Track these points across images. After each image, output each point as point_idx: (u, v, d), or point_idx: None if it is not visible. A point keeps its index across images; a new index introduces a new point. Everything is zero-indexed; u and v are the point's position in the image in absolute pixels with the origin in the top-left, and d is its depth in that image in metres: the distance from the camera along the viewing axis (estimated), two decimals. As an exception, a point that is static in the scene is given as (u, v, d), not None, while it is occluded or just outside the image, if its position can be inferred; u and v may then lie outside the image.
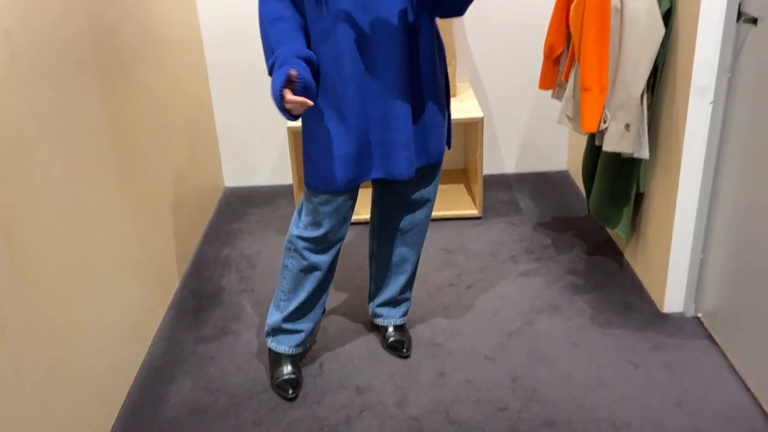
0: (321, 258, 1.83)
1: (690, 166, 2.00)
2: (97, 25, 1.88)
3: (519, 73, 3.09)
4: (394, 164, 1.70)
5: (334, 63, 1.61)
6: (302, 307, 1.89)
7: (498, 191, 3.11)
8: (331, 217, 1.75)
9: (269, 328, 1.95)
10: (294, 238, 1.82)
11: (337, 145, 1.66)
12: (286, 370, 1.94)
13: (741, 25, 1.79)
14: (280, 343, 1.95)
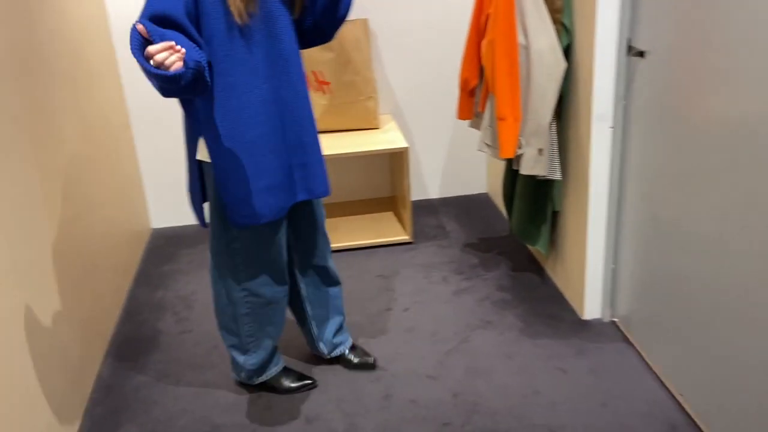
0: (280, 289, 1.90)
1: (597, 185, 2.20)
2: (28, 79, 1.88)
3: (437, 104, 3.27)
4: (316, 183, 1.79)
5: (252, 88, 1.63)
6: (274, 337, 1.98)
7: (425, 216, 3.25)
8: (274, 246, 1.80)
9: (250, 373, 2.01)
10: (242, 283, 1.84)
11: (273, 171, 1.70)
12: (289, 378, 2.06)
13: (631, 58, 2.01)
14: (269, 371, 2.04)
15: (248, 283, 1.85)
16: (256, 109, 1.65)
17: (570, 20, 2.17)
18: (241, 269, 1.83)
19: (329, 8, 1.70)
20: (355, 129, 3.11)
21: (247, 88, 1.63)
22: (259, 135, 1.67)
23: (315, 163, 1.78)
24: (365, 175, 3.40)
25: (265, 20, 1.63)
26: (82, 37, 2.46)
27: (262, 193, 1.70)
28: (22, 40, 1.90)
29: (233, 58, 1.60)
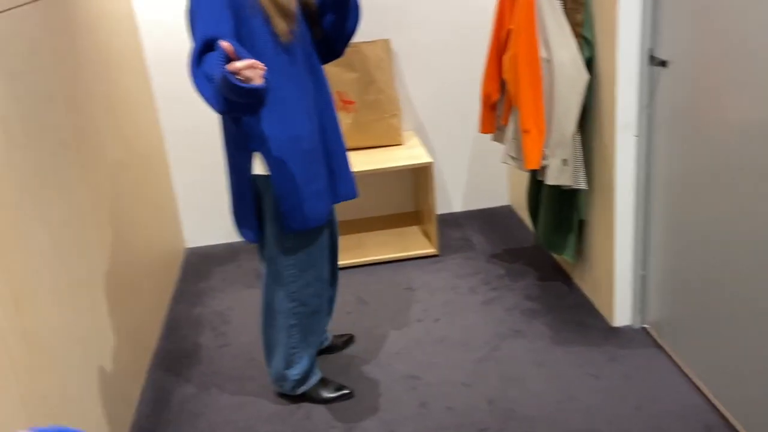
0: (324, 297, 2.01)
1: (623, 193, 2.25)
2: (73, 107, 1.98)
3: (459, 119, 3.34)
4: (349, 187, 1.95)
5: (300, 98, 1.77)
6: (315, 347, 2.07)
7: (450, 229, 3.31)
8: (322, 249, 1.92)
9: (293, 383, 2.08)
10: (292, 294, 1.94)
11: (320, 177, 1.83)
12: (327, 388, 2.13)
13: (653, 68, 2.07)
14: (310, 381, 2.11)
15: (299, 293, 1.94)
16: (305, 119, 1.78)
17: (591, 33, 2.24)
18: (294, 279, 1.92)
19: (337, 25, 1.85)
20: (380, 146, 3.19)
21: (296, 100, 1.76)
22: (309, 143, 1.80)
23: (346, 167, 1.94)
24: (390, 191, 3.47)
25: (301, 38, 1.77)
26: (120, 68, 2.57)
27: (313, 198, 1.82)
28: (69, 72, 2.00)
29: (282, 74, 1.72)
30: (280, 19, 1.69)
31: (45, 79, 1.80)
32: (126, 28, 2.77)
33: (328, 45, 1.90)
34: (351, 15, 1.84)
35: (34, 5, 1.79)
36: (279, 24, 1.68)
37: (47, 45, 1.85)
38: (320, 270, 1.95)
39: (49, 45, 1.86)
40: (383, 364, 2.32)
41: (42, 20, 1.84)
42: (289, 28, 1.70)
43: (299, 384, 2.10)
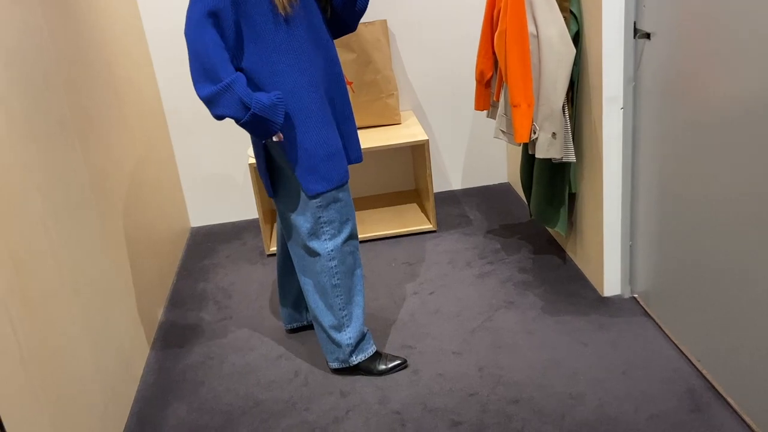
0: (358, 255, 2.10)
1: (611, 165, 2.29)
2: (73, 88, 2.06)
3: (455, 98, 3.38)
4: (357, 150, 2.06)
5: (301, 71, 1.85)
6: (362, 306, 2.13)
7: (448, 206, 3.37)
8: (350, 207, 2.01)
9: (349, 349, 2.12)
10: (330, 253, 2.02)
11: (331, 140, 1.92)
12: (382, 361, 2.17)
13: (638, 41, 2.11)
14: (365, 350, 2.16)
15: (336, 252, 2.02)
16: (308, 90, 1.87)
17: (578, 8, 2.27)
18: (330, 237, 2.01)
19: (347, 3, 1.91)
20: (378, 125, 3.24)
21: (298, 73, 1.84)
22: (318, 110, 1.89)
23: (355, 132, 2.05)
24: (389, 169, 3.53)
25: (304, 11, 1.84)
26: (121, 47, 2.64)
27: (326, 160, 1.91)
28: (68, 52, 2.08)
29: (282, 47, 1.82)
30: None
31: (43, 61, 1.88)
32: (127, 9, 2.84)
33: (340, 20, 1.97)
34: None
35: (33, -10, 1.87)
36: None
37: (45, 28, 1.93)
38: (352, 227, 2.04)
39: (46, 28, 1.94)
40: (379, 334, 2.40)
41: (41, 3, 1.92)
42: (290, 2, 1.78)
43: (354, 352, 2.13)
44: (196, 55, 1.75)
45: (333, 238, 2.01)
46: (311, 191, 1.93)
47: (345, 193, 2.00)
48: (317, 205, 1.96)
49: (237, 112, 1.76)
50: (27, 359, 1.52)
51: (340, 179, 1.96)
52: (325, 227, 1.99)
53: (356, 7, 1.94)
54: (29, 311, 1.57)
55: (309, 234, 2.00)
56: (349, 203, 2.02)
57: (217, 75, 1.75)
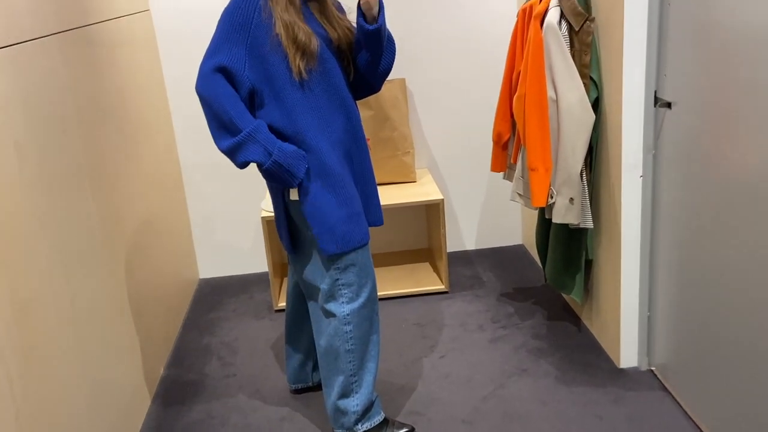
0: (376, 319, 2.02)
1: (629, 233, 2.25)
2: (89, 135, 2.07)
3: (471, 158, 3.38)
4: (377, 213, 2.03)
5: (321, 130, 1.85)
6: (374, 373, 2.04)
7: (461, 267, 3.32)
8: (369, 269, 1.95)
9: (356, 417, 2.01)
10: (346, 317, 1.94)
11: (351, 201, 1.89)
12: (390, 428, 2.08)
13: (658, 110, 2.09)
14: (373, 418, 2.06)
15: (353, 316, 1.95)
16: (332, 148, 1.86)
17: (598, 75, 2.28)
18: (346, 300, 1.94)
19: (372, 62, 1.91)
20: (393, 182, 3.23)
21: (315, 131, 1.84)
22: (337, 170, 1.87)
23: (375, 194, 2.02)
24: (403, 227, 3.50)
25: (324, 73, 1.85)
26: (139, 96, 2.67)
27: (345, 222, 1.88)
28: (85, 100, 2.10)
29: (299, 106, 1.82)
30: (299, 57, 1.78)
31: (61, 107, 1.89)
32: (147, 56, 2.89)
33: (364, 81, 1.97)
34: (386, 52, 1.91)
35: (55, 36, 1.89)
36: (296, 62, 1.77)
37: (65, 74, 1.94)
38: (371, 291, 1.97)
39: (66, 74, 1.96)
40: (387, 399, 2.31)
41: (62, 51, 1.94)
42: (306, 67, 1.78)
43: (360, 419, 2.03)
44: (211, 110, 1.77)
45: (350, 302, 1.94)
46: (329, 252, 1.89)
47: (364, 255, 1.95)
48: (335, 267, 1.91)
49: (260, 157, 1.77)
50: (23, 416, 1.47)
51: (359, 241, 1.91)
52: (343, 290, 1.93)
53: (379, 69, 1.94)
54: (28, 365, 1.52)
55: (326, 296, 1.95)
56: (368, 266, 1.96)
57: (236, 127, 1.76)
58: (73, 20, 2.04)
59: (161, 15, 3.03)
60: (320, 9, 1.88)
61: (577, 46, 2.29)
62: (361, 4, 1.79)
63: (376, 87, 2.00)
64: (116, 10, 2.49)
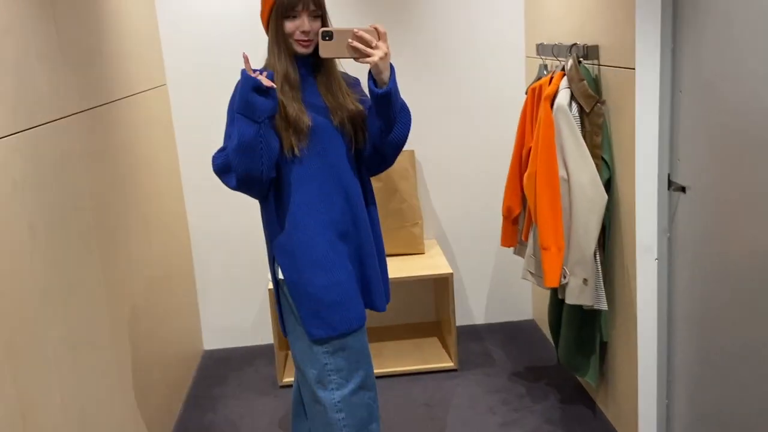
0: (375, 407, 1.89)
1: (645, 316, 2.19)
2: (100, 209, 2.06)
3: (481, 230, 3.35)
4: (377, 296, 1.90)
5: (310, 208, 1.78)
6: None
7: (470, 342, 3.24)
8: (362, 354, 1.84)
9: None
10: (337, 404, 1.81)
11: (340, 286, 1.80)
12: None
13: (672, 193, 2.07)
14: None
15: (344, 403, 1.82)
16: (322, 228, 1.79)
17: (610, 155, 2.27)
18: (335, 387, 1.82)
19: (384, 132, 1.80)
20: (401, 254, 3.20)
21: (309, 207, 1.79)
22: (327, 252, 1.79)
23: (378, 277, 1.90)
24: (410, 300, 3.45)
25: (320, 153, 1.79)
26: (150, 169, 2.68)
27: (333, 307, 1.79)
28: (98, 180, 2.10)
29: (294, 182, 1.78)
30: (291, 135, 1.75)
31: (75, 185, 1.88)
32: (161, 129, 2.92)
33: (377, 152, 1.86)
34: (398, 121, 1.80)
35: (74, 117, 1.91)
36: (288, 139, 1.74)
37: (81, 153, 1.95)
38: (364, 377, 1.85)
39: (83, 152, 1.96)
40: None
41: (79, 131, 1.95)
42: (299, 145, 1.75)
43: None
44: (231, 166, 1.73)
45: (340, 388, 1.82)
46: (314, 336, 1.80)
47: (356, 339, 1.83)
48: (323, 351, 1.81)
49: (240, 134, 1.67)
50: None
51: (348, 327, 1.80)
52: (332, 375, 1.82)
53: (390, 138, 1.81)
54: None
55: (315, 381, 1.83)
56: (361, 351, 1.85)
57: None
58: (93, 99, 2.07)
59: (177, 88, 3.08)
60: (326, 82, 1.83)
61: (588, 127, 2.29)
62: (371, 68, 1.70)
63: (388, 159, 1.89)
64: (135, 87, 2.53)
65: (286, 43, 1.76)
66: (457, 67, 3.20)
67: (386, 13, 3.13)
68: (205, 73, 3.07)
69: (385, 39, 1.69)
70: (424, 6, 3.14)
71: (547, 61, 2.72)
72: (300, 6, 1.72)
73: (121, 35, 2.44)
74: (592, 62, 2.33)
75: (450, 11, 3.15)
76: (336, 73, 1.84)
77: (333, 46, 1.69)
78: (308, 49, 1.76)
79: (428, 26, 3.16)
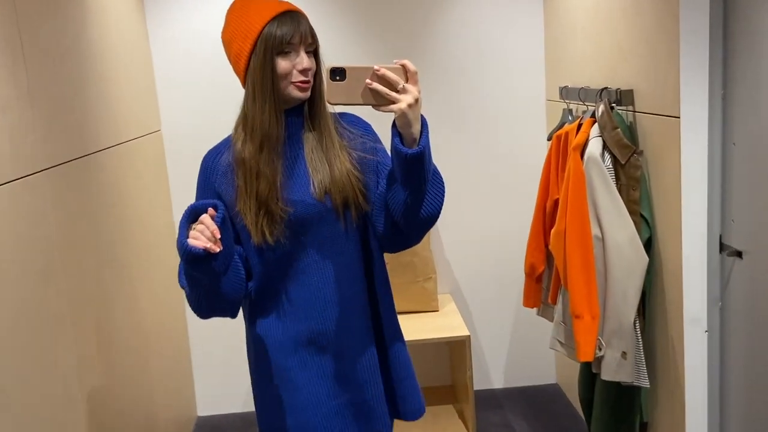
0: None
1: (695, 396, 1.91)
2: (79, 279, 1.82)
3: (499, 285, 3.09)
4: (372, 423, 1.48)
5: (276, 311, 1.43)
6: None
7: (488, 410, 2.95)
8: None
9: None
10: None
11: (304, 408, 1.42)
12: None
13: (725, 258, 1.82)
14: None
15: None
16: (288, 342, 1.43)
17: (650, 212, 2.02)
18: None
19: (409, 206, 1.33)
20: (413, 311, 2.94)
21: (280, 318, 1.43)
22: (291, 367, 1.43)
23: (373, 401, 1.47)
24: (422, 362, 3.16)
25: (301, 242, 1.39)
26: (144, 221, 2.45)
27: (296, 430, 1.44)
28: (84, 233, 1.87)
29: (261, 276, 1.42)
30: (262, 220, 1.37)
31: (46, 253, 1.65)
32: (154, 179, 2.70)
33: (397, 229, 1.39)
34: (430, 191, 1.34)
35: (45, 173, 1.69)
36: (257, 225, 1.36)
37: (51, 215, 1.72)
38: None
39: (52, 214, 1.73)
40: None
41: (57, 185, 1.73)
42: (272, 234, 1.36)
43: None
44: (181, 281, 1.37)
45: None
46: None
47: None
48: None
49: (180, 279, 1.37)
50: None
51: None
52: None
53: (421, 215, 1.34)
54: None
55: None
56: None
57: None
58: (81, 148, 1.86)
59: (172, 134, 2.88)
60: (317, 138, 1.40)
61: (624, 180, 2.06)
62: (396, 119, 1.24)
63: (413, 238, 1.42)
64: (128, 134, 2.33)
65: (275, 89, 1.34)
66: (472, 110, 2.99)
67: (391, 51, 2.89)
68: (204, 116, 2.87)
69: (415, 80, 1.24)
70: (433, 48, 2.95)
71: (572, 105, 2.51)
72: (297, 37, 1.32)
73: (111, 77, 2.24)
74: (626, 108, 2.11)
75: (464, 51, 2.95)
76: (331, 128, 1.42)
77: (345, 89, 1.24)
78: (306, 93, 1.37)
79: (439, 68, 2.96)
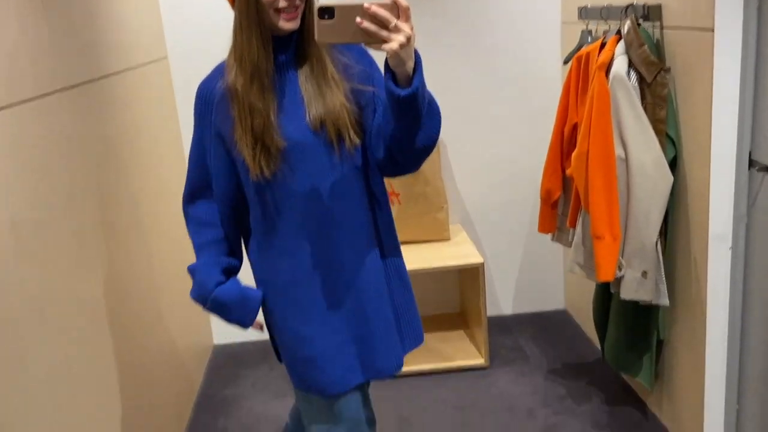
0: None
1: (715, 313, 1.94)
2: (96, 198, 1.79)
3: (509, 213, 3.09)
4: (378, 360, 1.48)
5: (291, 251, 1.43)
6: None
7: (499, 335, 3.00)
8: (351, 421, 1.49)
9: None
10: None
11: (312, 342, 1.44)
12: None
13: (754, 173, 1.81)
14: None
15: None
16: (297, 274, 1.44)
17: (675, 131, 2.00)
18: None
19: (403, 140, 1.31)
20: (425, 241, 2.95)
21: (286, 251, 1.43)
22: (299, 300, 1.45)
23: (378, 337, 1.47)
24: (434, 290, 3.20)
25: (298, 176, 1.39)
26: (154, 149, 2.41)
27: (304, 364, 1.46)
28: (99, 158, 1.83)
29: (268, 218, 1.43)
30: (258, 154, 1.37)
31: (70, 176, 1.62)
32: (163, 107, 2.64)
33: (393, 159, 1.37)
34: (425, 124, 1.30)
35: (63, 93, 1.63)
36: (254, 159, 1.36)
37: (69, 139, 1.68)
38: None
39: (71, 138, 1.69)
40: (431, 504, 1.98)
41: (69, 109, 1.68)
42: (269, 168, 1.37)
43: None
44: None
45: None
46: (294, 384, 1.51)
47: (345, 405, 1.47)
48: (304, 399, 1.51)
49: (199, 300, 1.49)
50: None
51: (321, 390, 1.45)
52: (312, 426, 1.51)
53: (416, 146, 1.31)
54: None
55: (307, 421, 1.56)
56: (348, 418, 1.47)
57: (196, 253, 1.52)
58: (86, 73, 1.79)
59: (179, 60, 2.79)
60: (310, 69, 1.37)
61: (650, 99, 2.02)
62: (389, 58, 1.19)
63: (409, 167, 1.39)
64: (133, 60, 2.25)
65: (261, 18, 1.29)
66: (484, 36, 2.91)
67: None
68: (212, 43, 2.78)
69: (407, 17, 1.16)
70: (451, -32, 2.85)
71: (591, 26, 2.44)
72: None
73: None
74: (653, 24, 2.06)
75: (479, -27, 2.85)
76: (324, 58, 1.38)
77: (334, 28, 1.17)
78: (295, 23, 1.31)
79: (455, -10, 2.87)
